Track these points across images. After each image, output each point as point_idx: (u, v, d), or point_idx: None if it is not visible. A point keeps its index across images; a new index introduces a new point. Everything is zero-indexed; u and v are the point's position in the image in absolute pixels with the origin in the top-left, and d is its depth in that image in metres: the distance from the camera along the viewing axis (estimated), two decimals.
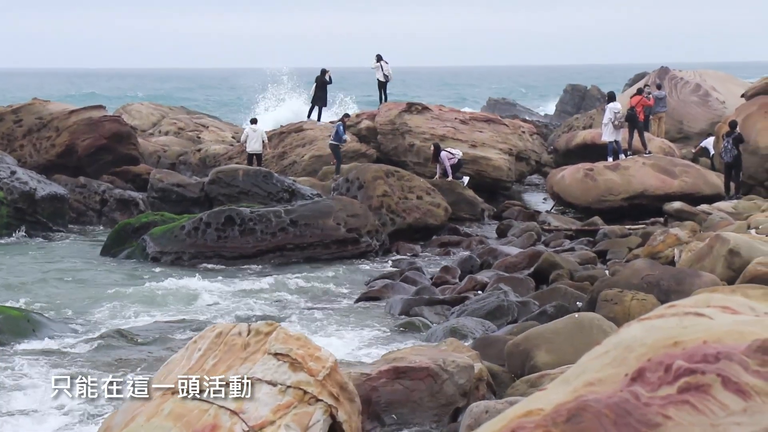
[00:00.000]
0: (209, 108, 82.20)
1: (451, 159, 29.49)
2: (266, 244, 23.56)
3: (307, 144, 34.61)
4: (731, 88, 39.91)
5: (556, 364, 11.37)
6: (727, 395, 3.81)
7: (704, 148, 33.31)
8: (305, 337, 8.31)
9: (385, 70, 37.60)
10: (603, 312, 13.83)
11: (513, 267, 20.72)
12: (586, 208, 28.28)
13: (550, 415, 4.03)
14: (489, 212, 29.58)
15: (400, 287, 19.76)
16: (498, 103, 68.10)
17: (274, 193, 26.61)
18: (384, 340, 16.16)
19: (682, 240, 19.60)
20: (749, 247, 15.99)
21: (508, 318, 16.47)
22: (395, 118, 33.63)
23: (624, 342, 4.21)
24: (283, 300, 19.77)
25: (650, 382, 3.93)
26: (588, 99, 66.31)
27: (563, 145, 35.22)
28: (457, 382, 10.53)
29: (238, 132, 43.43)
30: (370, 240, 24.21)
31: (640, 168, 28.54)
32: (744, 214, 23.53)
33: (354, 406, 8.21)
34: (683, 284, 14.67)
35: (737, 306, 4.34)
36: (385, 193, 26.07)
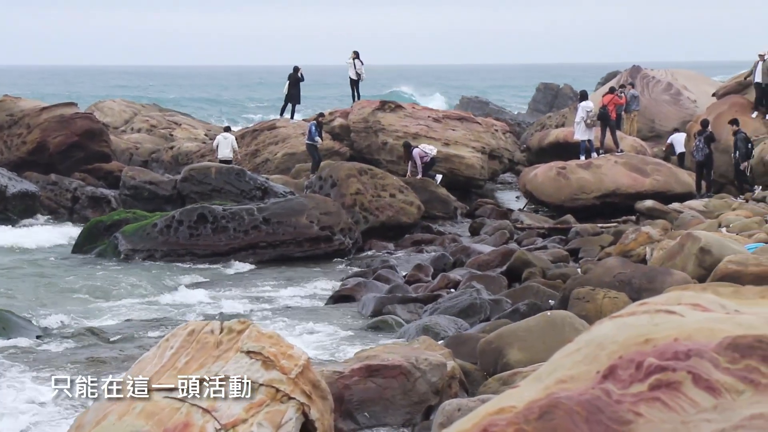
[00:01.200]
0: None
1: (425, 157, 29.52)
2: (239, 242, 23.52)
3: (279, 142, 34.57)
4: (702, 87, 40.13)
5: (529, 362, 11.40)
6: (697, 392, 3.83)
7: (671, 145, 33.55)
8: (278, 335, 8.29)
9: (358, 68, 37.52)
10: (575, 310, 13.88)
11: (486, 265, 20.76)
12: (558, 206, 28.37)
13: (522, 413, 4.04)
14: (462, 210, 29.63)
15: (373, 285, 19.76)
16: (471, 101, 68.17)
17: (246, 190, 26.57)
18: (357, 338, 16.15)
19: (653, 238, 19.69)
20: (720, 245, 16.08)
21: (480, 316, 16.49)
22: (368, 116, 33.64)
23: (596, 339, 4.23)
24: (256, 298, 19.74)
25: (622, 380, 3.95)
26: (560, 97, 66.56)
27: (536, 143, 35.33)
28: (430, 380, 10.54)
29: (211, 130, 43.33)
30: (343, 238, 24.20)
31: (612, 166, 28.66)
32: (715, 212, 23.67)
33: (326, 404, 8.20)
34: (655, 282, 14.74)
35: (708, 303, 4.36)
36: (358, 191, 26.06)
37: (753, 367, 3.84)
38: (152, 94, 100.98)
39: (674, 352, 3.95)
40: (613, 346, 4.12)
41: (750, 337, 3.92)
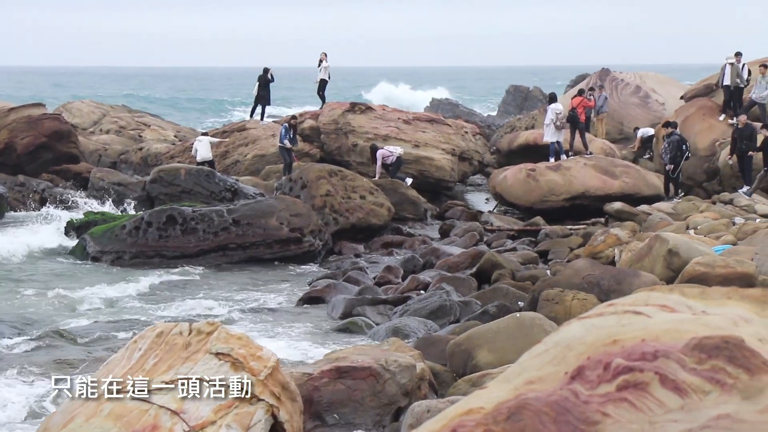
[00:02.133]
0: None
1: (388, 157, 29.58)
2: (208, 243, 23.44)
3: (250, 143, 34.50)
4: (670, 90, 40.36)
5: (498, 364, 11.42)
6: (664, 393, 3.85)
7: (644, 139, 33.93)
8: (247, 337, 8.27)
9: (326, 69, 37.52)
10: (544, 311, 13.92)
11: (455, 267, 20.79)
12: (528, 208, 28.45)
13: (490, 414, 4.04)
14: (432, 212, 29.66)
15: (343, 287, 19.75)
16: (441, 103, 68.25)
17: (216, 192, 26.48)
18: (326, 339, 16.14)
19: (622, 240, 19.78)
20: (688, 247, 16.17)
21: (450, 318, 16.52)
22: (339, 118, 33.63)
23: (564, 340, 4.24)
24: (225, 300, 19.67)
25: (589, 380, 3.96)
26: (530, 100, 66.73)
27: (506, 145, 35.40)
28: (399, 382, 10.54)
29: (180, 131, 43.17)
30: (313, 240, 24.16)
31: (581, 169, 28.76)
32: (683, 214, 23.80)
33: (296, 405, 8.19)
34: (623, 284, 14.81)
35: (675, 305, 4.39)
36: (328, 192, 26.04)
37: (719, 368, 3.86)
38: (133, 94, 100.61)
39: (642, 353, 3.97)
40: (581, 347, 4.13)
41: (716, 338, 3.95)
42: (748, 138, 26.74)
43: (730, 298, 4.47)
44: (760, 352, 3.91)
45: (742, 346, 3.92)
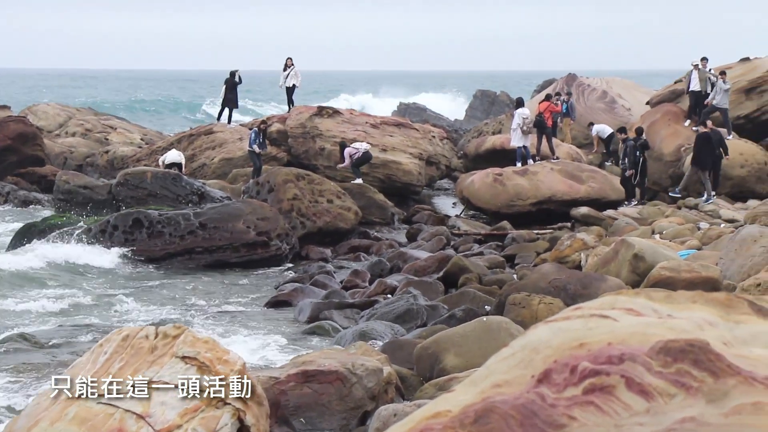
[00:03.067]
0: None
1: (355, 153, 29.66)
2: (175, 247, 23.35)
3: (217, 147, 34.39)
4: (636, 95, 40.57)
5: (465, 367, 11.44)
6: (630, 396, 3.87)
7: (599, 137, 34.41)
8: (213, 341, 8.24)
9: (293, 75, 37.32)
10: (511, 315, 13.96)
11: (422, 271, 20.81)
12: (495, 212, 28.51)
13: (457, 417, 4.05)
14: (399, 216, 29.67)
15: (310, 291, 19.72)
16: (409, 107, 68.33)
17: (183, 195, 26.38)
18: (293, 343, 16.11)
19: (588, 244, 19.86)
20: (653, 251, 16.26)
21: (417, 322, 16.53)
22: (306, 122, 33.58)
23: (530, 344, 4.25)
24: (192, 303, 19.61)
25: (556, 384, 3.97)
26: (497, 104, 66.90)
27: (473, 150, 35.46)
28: (366, 386, 10.54)
29: (147, 134, 43.00)
30: (280, 243, 24.12)
31: (548, 173, 28.86)
32: (648, 219, 23.95)
33: (262, 409, 8.17)
34: (589, 288, 14.87)
35: (641, 308, 4.41)
36: (295, 196, 25.99)
37: (684, 371, 3.88)
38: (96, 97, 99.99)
39: (608, 356, 3.98)
40: (548, 350, 4.15)
41: (682, 341, 3.97)
42: (719, 143, 26.95)
43: (696, 302, 4.50)
44: (724, 355, 3.94)
45: (707, 350, 3.94)
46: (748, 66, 34.14)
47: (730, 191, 27.47)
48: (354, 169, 29.91)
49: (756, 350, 4.07)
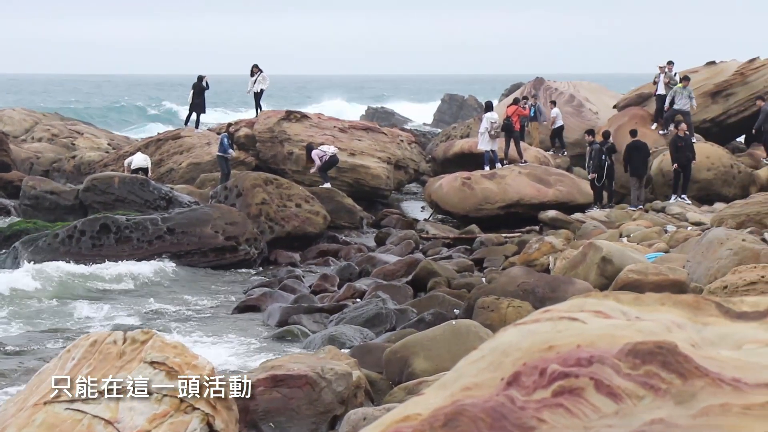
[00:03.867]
0: None
1: (323, 156, 29.66)
2: (143, 252, 23.24)
3: (184, 151, 34.29)
4: (603, 99, 40.77)
5: (434, 371, 11.44)
6: (599, 398, 3.88)
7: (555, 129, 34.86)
8: (182, 345, 8.21)
9: (261, 80, 37.19)
10: (480, 319, 13.98)
11: (391, 275, 20.82)
12: (463, 216, 28.56)
13: (427, 420, 4.05)
14: (368, 220, 29.67)
15: (279, 295, 19.68)
16: (377, 111, 68.36)
17: (150, 200, 26.26)
18: (262, 348, 16.07)
19: (556, 248, 19.93)
20: (621, 254, 16.33)
21: (386, 326, 16.53)
22: (274, 126, 33.53)
23: (500, 346, 4.26)
24: (160, 308, 19.52)
25: (525, 386, 3.98)
26: (465, 108, 67.10)
27: (441, 153, 35.53)
28: (335, 390, 10.52)
29: (114, 139, 42.80)
30: (249, 248, 24.06)
31: (516, 177, 28.94)
32: (616, 222, 24.05)
33: (231, 414, 8.14)
34: (558, 291, 14.92)
35: (610, 310, 4.42)
36: (263, 201, 25.94)
37: (653, 373, 3.89)
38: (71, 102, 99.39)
39: (577, 359, 3.99)
40: (517, 353, 4.15)
41: (650, 343, 3.99)
42: (691, 147, 27.20)
43: (664, 304, 4.52)
44: (692, 357, 3.95)
45: (676, 352, 3.96)
46: (713, 70, 34.43)
47: (697, 194, 27.64)
48: (322, 173, 29.91)
49: (723, 352, 4.09)
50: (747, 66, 34.32)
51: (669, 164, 27.95)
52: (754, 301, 4.53)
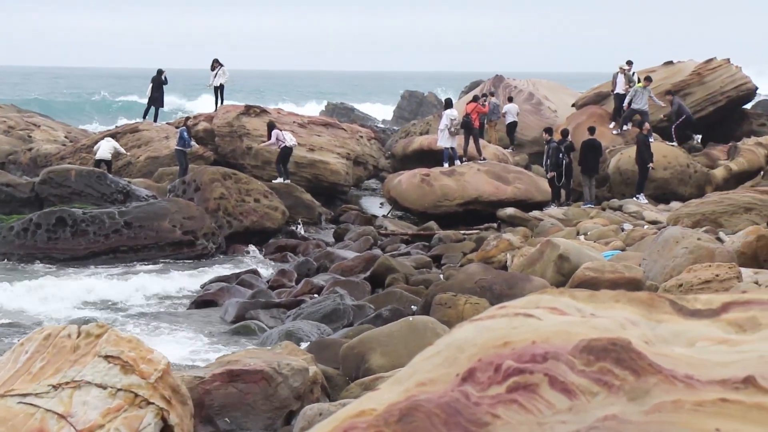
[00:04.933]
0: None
1: (280, 142, 29.65)
2: (99, 245, 23.10)
3: (143, 145, 34.08)
4: (562, 97, 40.94)
5: (391, 367, 11.45)
6: (553, 394, 3.89)
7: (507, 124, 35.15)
8: (137, 340, 8.17)
9: (221, 75, 37.04)
10: (437, 315, 14.00)
11: (349, 271, 20.82)
12: (422, 212, 28.60)
13: (382, 415, 4.04)
14: (326, 216, 29.66)
15: (236, 290, 19.63)
16: (336, 107, 68.28)
17: (108, 194, 26.09)
18: (219, 343, 16.02)
19: (514, 245, 19.99)
20: (578, 252, 16.41)
21: (343, 321, 16.53)
22: (233, 121, 33.40)
23: (455, 342, 4.26)
24: (116, 302, 19.41)
25: (480, 382, 3.99)
26: (425, 105, 67.15)
27: (400, 150, 35.56)
28: (292, 385, 10.50)
29: (71, 132, 42.46)
30: (207, 243, 23.98)
31: (474, 174, 29.01)
32: (574, 220, 24.16)
33: (186, 409, 8.11)
34: (515, 288, 14.96)
35: (565, 307, 4.44)
36: (222, 195, 25.85)
37: (607, 370, 3.91)
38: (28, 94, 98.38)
39: (532, 355, 4.00)
40: (473, 348, 4.16)
41: (604, 340, 4.00)
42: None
43: (618, 301, 4.54)
44: (646, 354, 3.97)
45: (629, 348, 3.98)
46: (671, 69, 34.70)
47: (653, 193, 27.84)
48: (279, 166, 29.87)
49: (677, 349, 4.11)
50: (704, 66, 34.62)
51: (627, 163, 28.13)
52: (707, 299, 4.56)
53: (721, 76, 34.44)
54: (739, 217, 19.47)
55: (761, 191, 20.58)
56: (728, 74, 34.67)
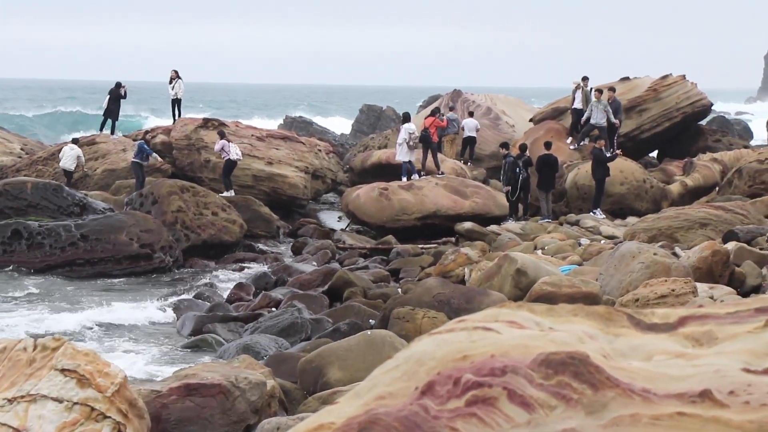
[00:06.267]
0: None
1: (226, 150, 29.76)
2: (55, 258, 22.92)
3: (99, 158, 33.85)
4: (520, 112, 41.11)
5: (349, 381, 11.43)
6: (512, 408, 3.90)
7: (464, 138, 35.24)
8: (94, 353, 8.11)
9: (178, 87, 36.89)
10: (395, 329, 14.00)
11: (307, 284, 20.78)
12: (380, 226, 28.60)
13: (341, 429, 4.04)
14: (284, 230, 29.60)
15: (194, 304, 19.55)
16: (295, 121, 68.19)
17: (64, 207, 25.89)
18: (176, 356, 15.94)
19: (472, 259, 20.03)
20: (535, 267, 16.46)
21: (301, 335, 16.49)
22: (191, 134, 33.28)
23: (415, 356, 4.27)
24: (73, 316, 19.25)
25: (439, 396, 3.99)
26: (383, 119, 67.21)
27: (359, 164, 35.57)
28: (249, 399, 10.46)
29: (27, 144, 42.10)
30: (164, 256, 23.85)
31: (433, 188, 29.06)
32: (531, 235, 24.25)
33: (143, 423, 8.06)
34: (473, 302, 14.98)
35: (524, 321, 4.46)
36: (179, 208, 25.74)
37: (565, 383, 3.93)
38: None
39: (491, 368, 4.01)
40: (432, 362, 4.16)
41: (562, 354, 4.02)
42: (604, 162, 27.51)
43: (576, 315, 4.56)
44: (604, 367, 4.00)
45: (587, 362, 4.00)
46: (627, 85, 34.94)
47: (610, 208, 27.99)
48: (225, 179, 29.93)
49: (634, 363, 4.14)
50: (660, 82, 34.90)
51: (583, 178, 28.26)
52: (664, 313, 4.60)
53: (677, 92, 34.75)
54: (695, 232, 19.62)
55: (716, 207, 20.77)
56: (684, 90, 34.99)
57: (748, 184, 25.64)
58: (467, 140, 35.93)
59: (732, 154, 31.93)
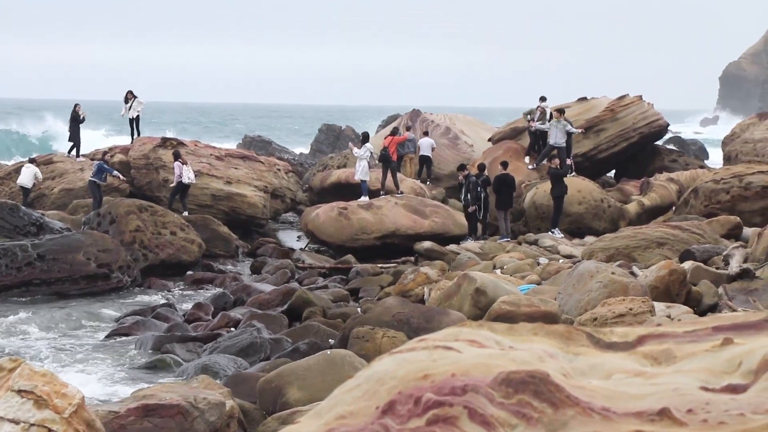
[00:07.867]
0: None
1: (179, 174, 29.72)
2: (11, 279, 22.72)
3: (57, 177, 33.65)
4: (479, 132, 41.25)
5: (308, 401, 11.41)
6: (473, 427, 3.91)
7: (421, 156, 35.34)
8: (51, 374, 8.04)
9: (136, 106, 36.62)
10: (355, 349, 14.00)
11: (266, 304, 20.72)
12: (339, 246, 28.59)
13: None
14: (243, 249, 29.52)
15: (152, 324, 19.43)
16: (254, 140, 68.07)
17: (20, 226, 25.66)
18: (134, 377, 15.83)
19: (431, 279, 20.06)
20: (495, 286, 16.51)
21: (260, 355, 16.43)
22: (149, 153, 33.15)
23: (375, 375, 4.27)
24: (30, 336, 19.09)
25: (400, 415, 4.00)
26: (343, 139, 67.20)
27: (318, 183, 35.57)
28: (208, 420, 10.41)
29: None
30: (122, 275, 23.70)
31: (392, 208, 29.10)
32: (490, 254, 24.34)
33: None
34: (432, 322, 15.00)
35: (484, 340, 4.47)
36: (137, 228, 25.61)
37: (525, 402, 3.94)
38: None
39: (451, 387, 4.02)
40: (393, 381, 4.17)
41: (523, 373, 4.04)
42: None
43: (537, 333, 4.59)
44: (564, 386, 4.02)
45: (547, 381, 4.02)
46: (585, 106, 35.20)
47: (568, 227, 28.15)
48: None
49: (594, 381, 4.16)
50: (617, 103, 35.18)
51: (542, 197, 28.41)
52: (623, 332, 4.63)
53: (634, 112, 35.04)
54: (652, 251, 19.78)
55: (673, 226, 20.94)
56: (640, 111, 35.29)
57: (704, 204, 25.87)
58: (423, 159, 35.98)
59: (688, 174, 32.22)
